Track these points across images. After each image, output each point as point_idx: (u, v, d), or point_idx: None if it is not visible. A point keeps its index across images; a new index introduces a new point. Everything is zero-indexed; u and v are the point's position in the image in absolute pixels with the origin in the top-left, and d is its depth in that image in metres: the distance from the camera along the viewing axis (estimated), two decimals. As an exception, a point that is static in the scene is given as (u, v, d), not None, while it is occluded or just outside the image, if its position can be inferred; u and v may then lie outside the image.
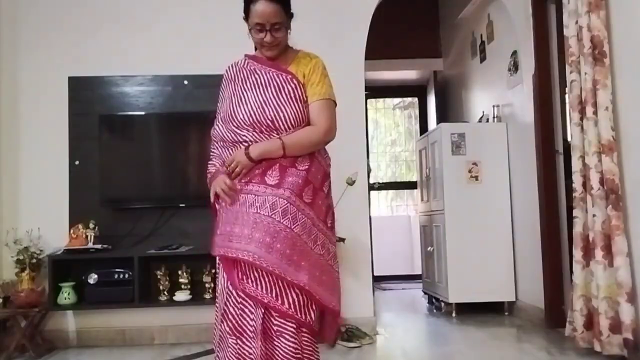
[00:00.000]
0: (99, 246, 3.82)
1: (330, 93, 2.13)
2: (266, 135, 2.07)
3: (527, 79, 4.28)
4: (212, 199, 2.14)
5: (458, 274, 4.63)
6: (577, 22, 3.25)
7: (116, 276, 3.81)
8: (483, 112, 5.15)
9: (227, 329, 2.01)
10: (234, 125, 2.09)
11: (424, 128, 7.26)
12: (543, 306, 4.08)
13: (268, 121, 2.05)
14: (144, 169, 4.02)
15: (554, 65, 4.11)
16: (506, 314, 4.62)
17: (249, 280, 1.99)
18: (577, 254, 3.25)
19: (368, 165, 4.68)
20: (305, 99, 2.10)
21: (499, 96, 4.89)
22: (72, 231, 3.86)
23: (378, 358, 3.56)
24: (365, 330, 3.83)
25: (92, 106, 4.06)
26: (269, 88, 2.09)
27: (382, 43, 5.88)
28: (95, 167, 3.97)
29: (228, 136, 2.12)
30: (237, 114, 2.09)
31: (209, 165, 2.23)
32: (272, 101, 2.07)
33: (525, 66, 4.31)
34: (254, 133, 2.07)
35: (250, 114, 2.07)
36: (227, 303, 2.03)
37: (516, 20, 4.39)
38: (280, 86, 2.09)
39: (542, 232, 4.11)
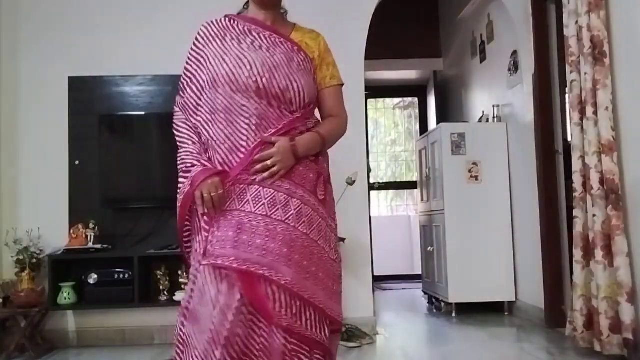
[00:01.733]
0: (99, 246, 3.82)
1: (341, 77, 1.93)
2: (274, 109, 1.71)
3: (527, 79, 4.28)
4: (201, 209, 1.72)
5: (458, 274, 4.63)
6: (577, 22, 3.25)
7: (116, 276, 3.81)
8: (483, 112, 5.15)
9: (228, 357, 1.61)
10: (231, 89, 1.70)
11: (424, 128, 7.26)
12: (543, 306, 4.08)
13: (278, 90, 1.70)
14: (144, 169, 4.02)
15: (554, 65, 4.11)
16: (506, 314, 4.62)
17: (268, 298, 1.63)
18: (577, 253, 3.25)
19: (368, 165, 4.68)
20: (314, 74, 1.83)
21: (499, 96, 4.89)
22: (72, 231, 3.86)
23: (378, 358, 3.55)
24: (365, 330, 3.83)
25: (92, 106, 4.06)
26: (276, 53, 1.75)
27: (382, 43, 5.88)
28: (95, 167, 3.97)
29: (220, 103, 1.71)
30: (239, 75, 1.70)
31: (182, 155, 1.81)
32: (283, 68, 1.73)
33: (525, 66, 4.30)
34: (260, 103, 1.70)
35: (257, 78, 1.69)
36: (226, 323, 1.60)
37: (516, 20, 4.39)
38: (289, 55, 1.77)
39: (542, 232, 4.11)
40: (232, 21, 1.85)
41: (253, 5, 1.87)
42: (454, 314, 4.64)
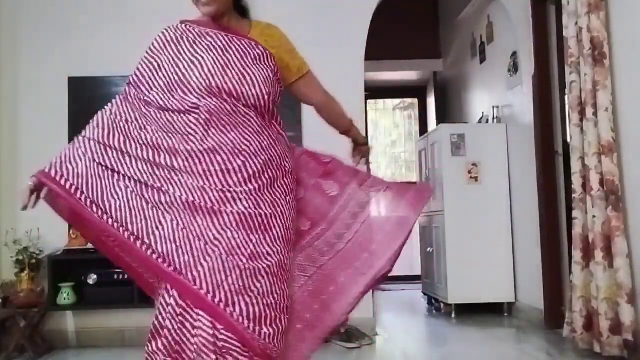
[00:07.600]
0: (98, 246, 3.81)
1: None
2: (228, 105, 1.71)
3: (526, 80, 4.28)
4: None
5: (457, 275, 4.63)
6: (576, 23, 3.25)
7: (116, 277, 3.81)
8: (483, 113, 5.15)
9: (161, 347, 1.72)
10: (183, 92, 1.72)
11: (423, 129, 7.26)
12: (542, 307, 4.07)
13: (230, 86, 1.70)
14: (144, 170, 4.01)
15: (554, 66, 4.11)
16: (505, 315, 4.62)
17: None
18: (577, 255, 3.25)
19: (368, 166, 4.67)
20: (274, 67, 1.79)
21: (498, 97, 4.89)
22: (71, 231, 3.85)
23: (377, 359, 3.55)
24: (364, 331, 3.83)
25: (92, 106, 4.03)
26: (229, 51, 1.75)
27: (382, 43, 5.87)
28: (95, 168, 3.97)
29: (174, 105, 1.72)
30: (190, 78, 1.72)
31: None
32: (235, 64, 1.73)
33: (525, 67, 4.31)
34: (212, 100, 1.70)
35: (208, 78, 1.71)
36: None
37: (516, 21, 4.39)
38: (244, 51, 1.76)
39: (541, 233, 4.11)
40: (187, 26, 1.87)
41: None
42: (453, 315, 4.64)
